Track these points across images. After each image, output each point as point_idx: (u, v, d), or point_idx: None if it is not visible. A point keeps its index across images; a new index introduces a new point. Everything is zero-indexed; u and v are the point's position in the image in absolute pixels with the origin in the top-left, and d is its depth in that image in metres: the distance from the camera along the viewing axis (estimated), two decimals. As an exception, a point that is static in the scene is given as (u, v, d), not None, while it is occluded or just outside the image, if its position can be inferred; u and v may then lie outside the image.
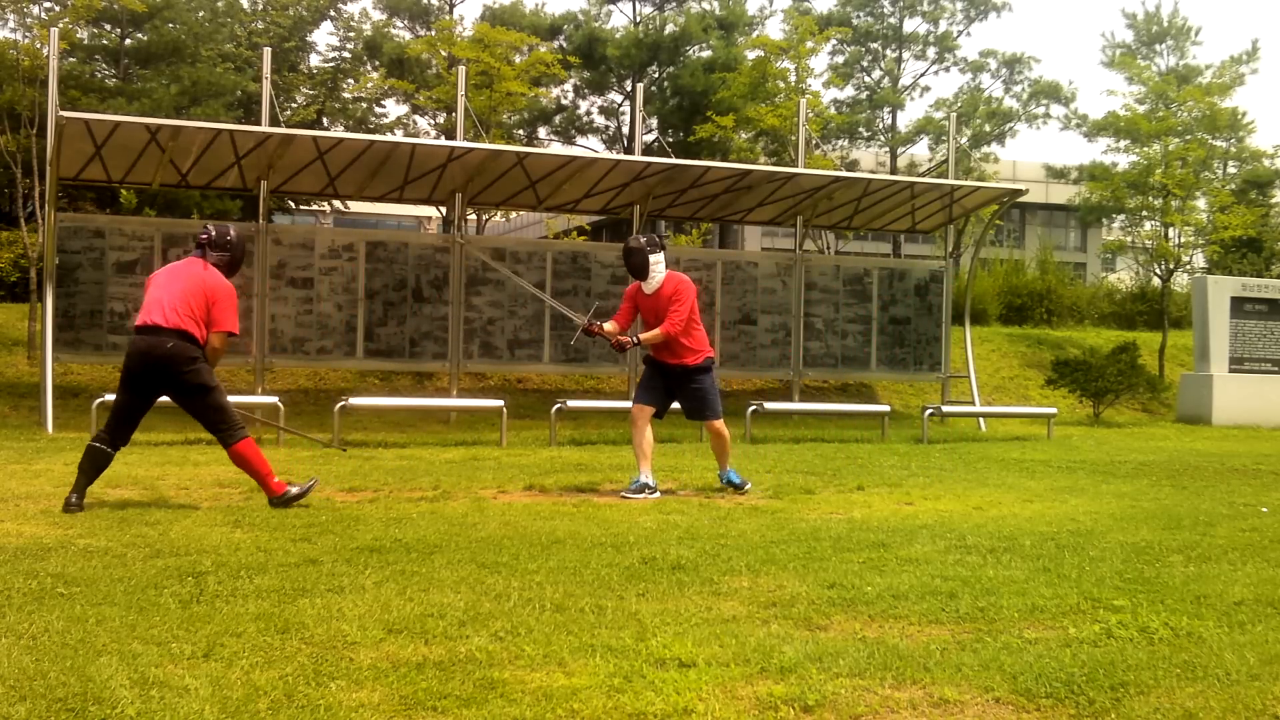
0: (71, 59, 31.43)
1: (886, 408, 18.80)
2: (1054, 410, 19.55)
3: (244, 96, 35.95)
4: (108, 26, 35.05)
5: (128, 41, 35.88)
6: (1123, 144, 30.84)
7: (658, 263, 10.04)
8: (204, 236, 8.95)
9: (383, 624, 4.95)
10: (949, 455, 14.48)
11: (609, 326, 10.17)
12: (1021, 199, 23.07)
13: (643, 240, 10.12)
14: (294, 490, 8.71)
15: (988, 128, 43.03)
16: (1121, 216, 33.57)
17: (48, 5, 24.87)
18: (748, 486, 10.14)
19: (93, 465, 8.59)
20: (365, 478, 10.57)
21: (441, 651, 4.56)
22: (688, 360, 10.09)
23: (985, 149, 43.15)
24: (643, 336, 10.09)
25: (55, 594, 5.44)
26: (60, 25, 20.89)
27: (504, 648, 4.62)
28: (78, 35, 29.26)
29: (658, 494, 9.76)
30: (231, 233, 9.08)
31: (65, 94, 23.91)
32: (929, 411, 18.21)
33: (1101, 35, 66.57)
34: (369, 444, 14.52)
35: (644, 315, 10.23)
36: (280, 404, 15.05)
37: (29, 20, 24.87)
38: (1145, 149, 28.74)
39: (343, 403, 15.11)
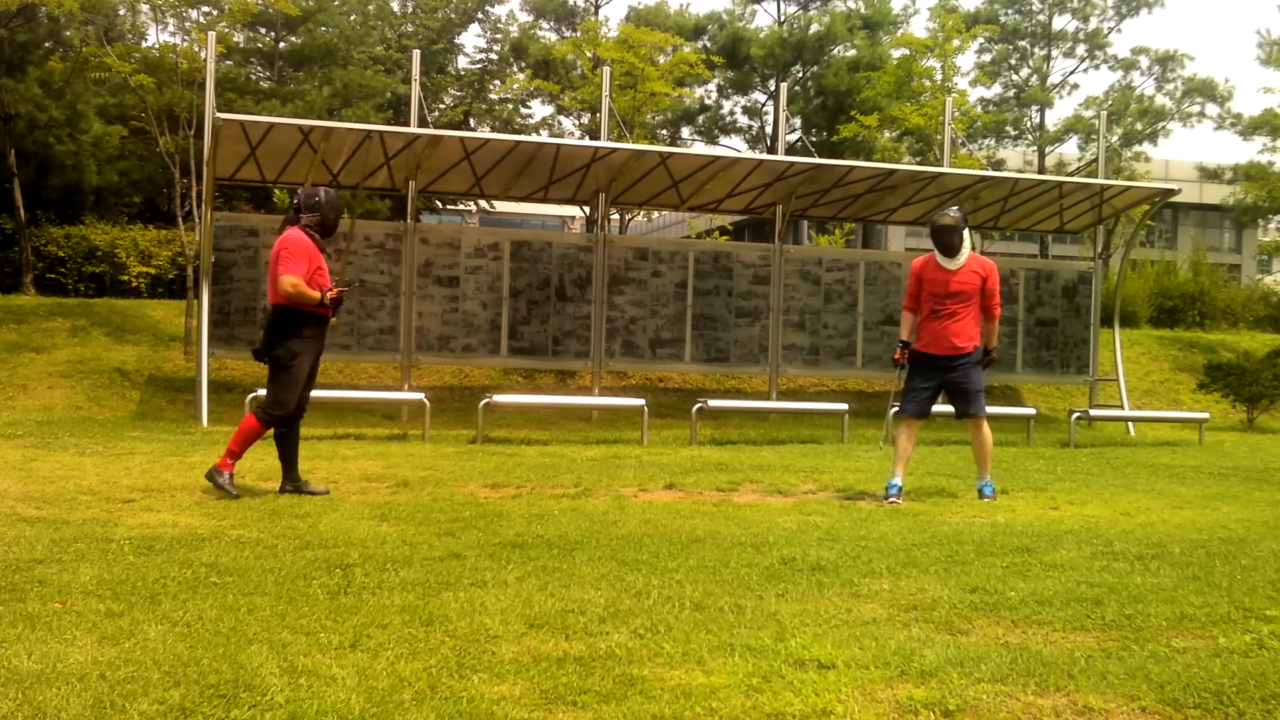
0: (228, 62, 32.26)
1: (1032, 411, 18.48)
2: (1206, 415, 19.09)
3: (393, 98, 36.58)
4: (262, 30, 35.94)
5: (282, 45, 36.77)
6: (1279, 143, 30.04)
7: (966, 239, 9.76)
8: (295, 200, 8.98)
9: (524, 619, 5.01)
10: (1096, 460, 14.19)
11: (904, 333, 9.88)
12: (1174, 199, 22.54)
13: (956, 215, 9.68)
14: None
15: (1139, 126, 42.08)
16: (1278, 217, 32.62)
17: (205, 10, 25.48)
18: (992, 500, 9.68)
19: None
20: (508, 474, 10.69)
21: (582, 647, 4.60)
22: (963, 344, 9.67)
23: (1136, 148, 42.18)
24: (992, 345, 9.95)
25: (208, 583, 5.58)
26: (217, 29, 21.38)
27: (643, 645, 4.65)
28: (234, 39, 30.05)
29: (900, 501, 9.45)
30: (320, 194, 9.02)
31: (222, 96, 24.56)
32: (1076, 415, 17.89)
33: (1257, 32, 64.63)
34: (512, 440, 14.68)
35: (931, 289, 9.72)
36: (426, 400, 15.27)
37: (187, 24, 25.54)
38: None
39: (487, 400, 15.29)
